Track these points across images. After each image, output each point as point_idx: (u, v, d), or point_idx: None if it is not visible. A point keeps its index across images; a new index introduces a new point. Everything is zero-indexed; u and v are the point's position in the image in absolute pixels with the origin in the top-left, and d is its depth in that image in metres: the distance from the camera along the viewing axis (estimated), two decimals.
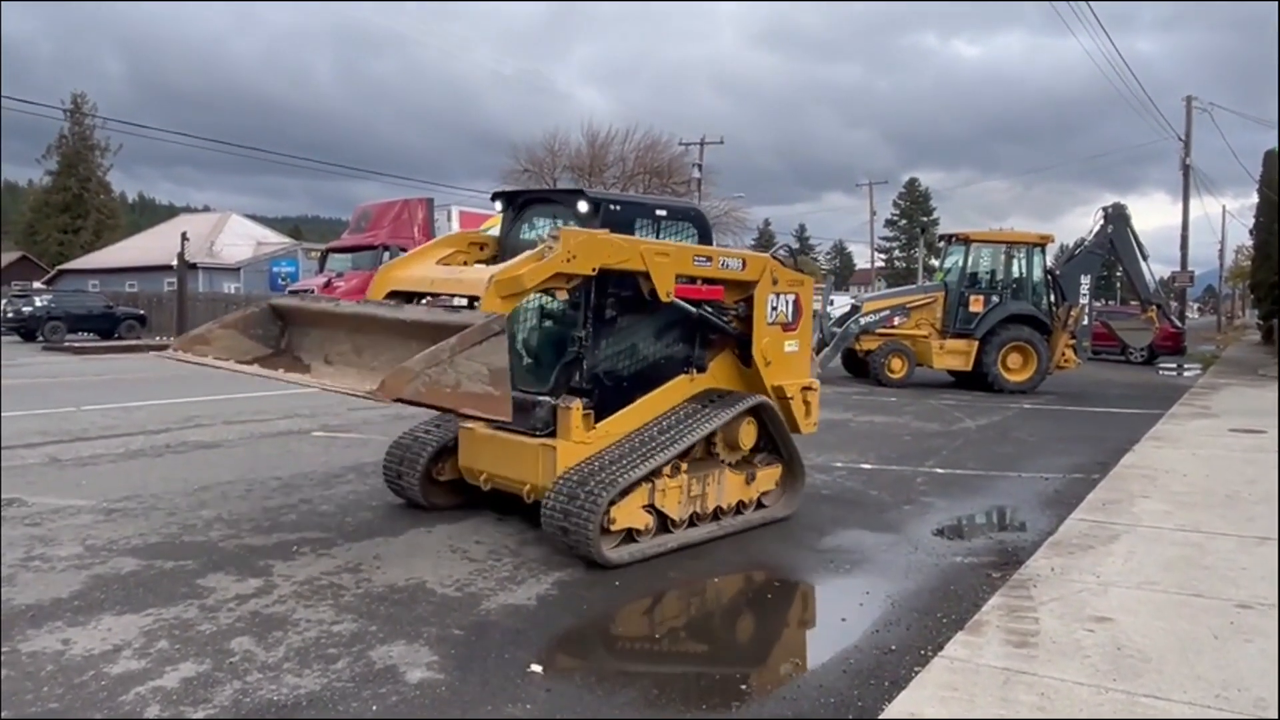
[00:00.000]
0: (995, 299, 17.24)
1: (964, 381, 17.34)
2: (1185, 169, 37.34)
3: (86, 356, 23.41)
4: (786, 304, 6.62)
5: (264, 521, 6.26)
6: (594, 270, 5.40)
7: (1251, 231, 41.37)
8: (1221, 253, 68.92)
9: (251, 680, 3.74)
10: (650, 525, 5.69)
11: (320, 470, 8.04)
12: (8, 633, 4.15)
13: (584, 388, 5.84)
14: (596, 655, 4.38)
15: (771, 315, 6.51)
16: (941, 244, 20.08)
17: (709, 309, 6.22)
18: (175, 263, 32.67)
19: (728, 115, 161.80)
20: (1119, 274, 26.31)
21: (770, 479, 6.58)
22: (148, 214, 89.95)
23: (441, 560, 5.48)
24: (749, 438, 6.36)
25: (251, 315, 6.02)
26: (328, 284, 22.22)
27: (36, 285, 40.94)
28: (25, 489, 7.04)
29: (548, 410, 5.81)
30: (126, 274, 44.52)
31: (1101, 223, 17.67)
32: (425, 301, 6.05)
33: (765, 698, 3.82)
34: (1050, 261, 18.27)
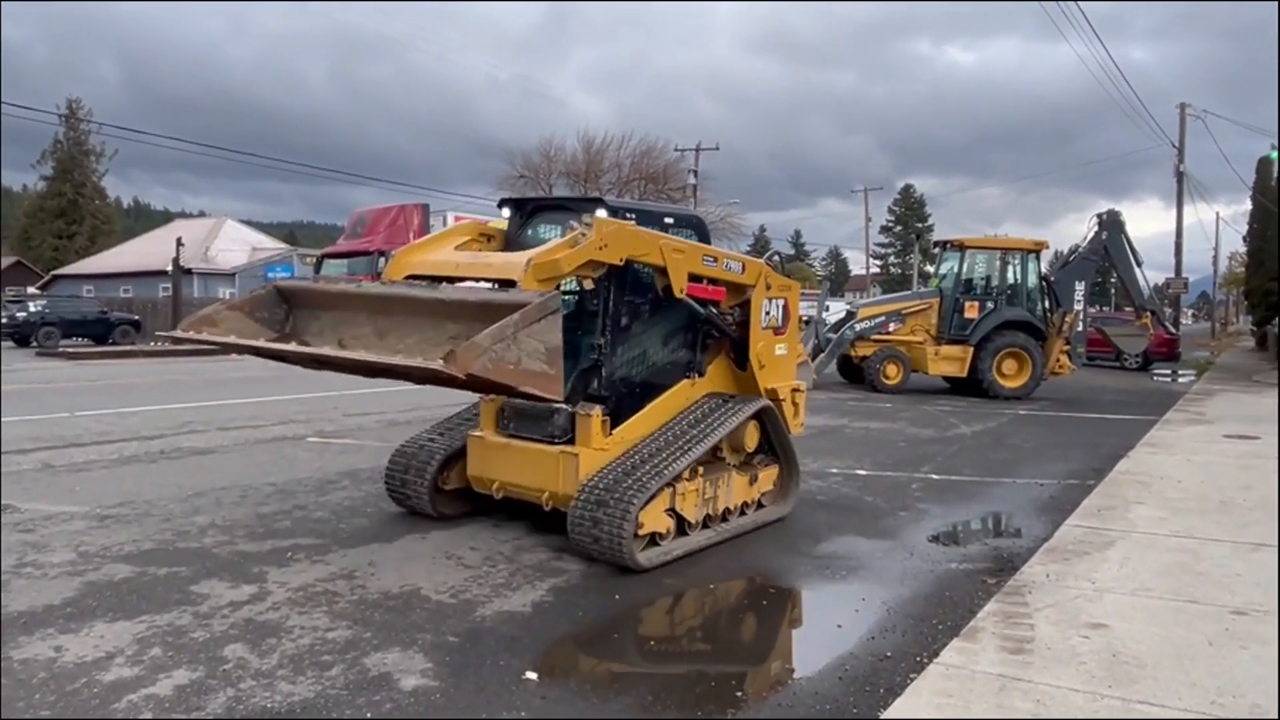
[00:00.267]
0: (990, 305, 17.29)
1: (959, 387, 17.37)
2: (1179, 175, 37.49)
3: (80, 362, 23.34)
4: (777, 308, 6.81)
5: (258, 528, 6.24)
6: (621, 260, 5.50)
7: (1245, 238, 41.67)
8: (1215, 259, 69.13)
9: (245, 688, 3.72)
10: (670, 528, 5.76)
11: (315, 476, 8.02)
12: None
13: (602, 394, 5.88)
14: (591, 662, 4.38)
15: (765, 320, 6.68)
16: (937, 250, 20.14)
17: (713, 309, 6.38)
18: (170, 268, 32.67)
19: (723, 121, 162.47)
20: (1113, 280, 26.34)
21: (769, 479, 6.76)
22: (143, 219, 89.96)
23: (436, 567, 5.47)
24: (752, 440, 6.54)
25: (257, 298, 5.98)
26: None
27: (31, 290, 40.88)
28: (18, 495, 7.01)
29: (566, 418, 5.85)
30: (121, 279, 44.52)
31: (1096, 229, 17.75)
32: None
33: (760, 704, 3.81)
34: (1045, 268, 18.32)
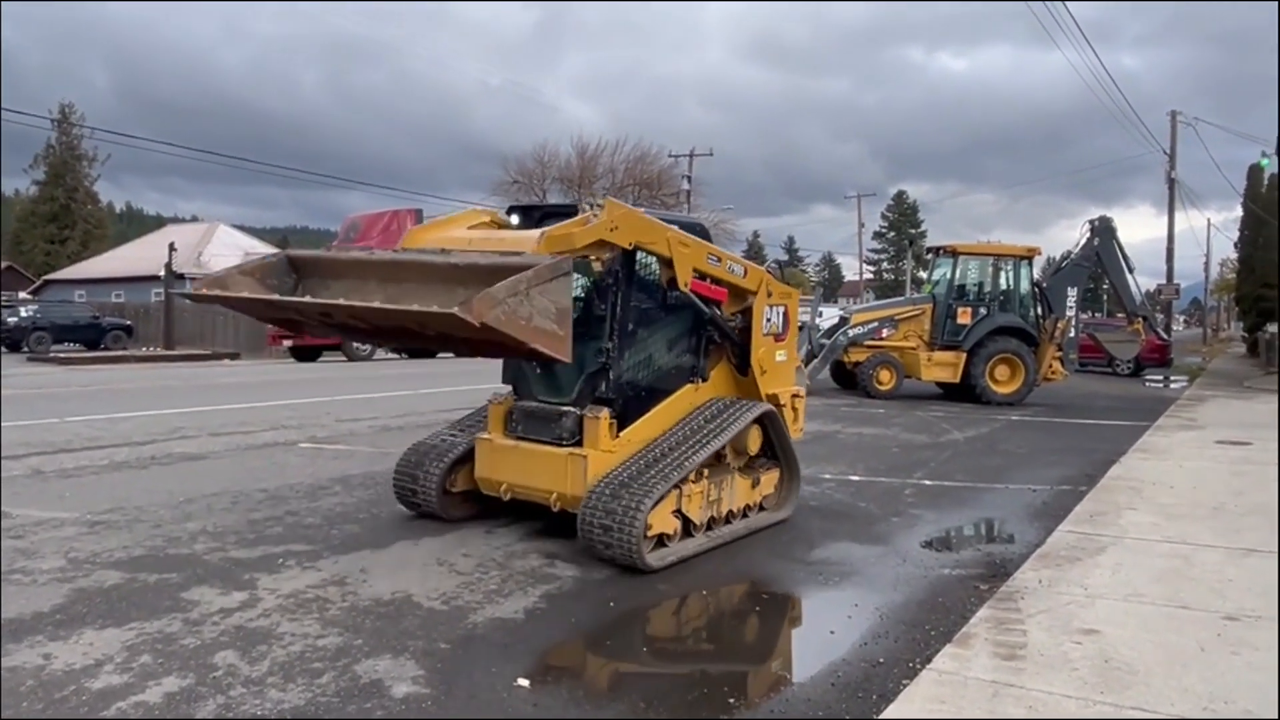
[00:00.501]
0: (983, 311, 17.32)
1: (952, 393, 17.39)
2: (1170, 182, 37.64)
3: (72, 367, 23.26)
4: (778, 315, 6.93)
5: (249, 534, 6.21)
6: (630, 244, 5.61)
7: (1236, 244, 41.91)
8: (1207, 265, 69.61)
9: (235, 695, 3.70)
10: (677, 530, 5.81)
11: (306, 482, 7.99)
12: None
13: (609, 397, 5.93)
14: (584, 669, 4.37)
15: (766, 326, 6.78)
16: (929, 256, 20.21)
17: (717, 310, 6.46)
18: (163, 273, 32.56)
19: (716, 128, 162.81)
20: (1105, 286, 26.48)
21: (770, 482, 6.84)
22: (135, 224, 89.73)
23: (428, 573, 5.45)
24: (755, 443, 6.61)
25: (269, 264, 6.01)
26: None
27: (22, 295, 40.70)
28: (8, 501, 6.97)
29: (574, 420, 5.90)
30: (113, 284, 44.31)
31: (1088, 236, 17.84)
32: None
33: (753, 710, 3.80)
34: (1037, 274, 18.38)
